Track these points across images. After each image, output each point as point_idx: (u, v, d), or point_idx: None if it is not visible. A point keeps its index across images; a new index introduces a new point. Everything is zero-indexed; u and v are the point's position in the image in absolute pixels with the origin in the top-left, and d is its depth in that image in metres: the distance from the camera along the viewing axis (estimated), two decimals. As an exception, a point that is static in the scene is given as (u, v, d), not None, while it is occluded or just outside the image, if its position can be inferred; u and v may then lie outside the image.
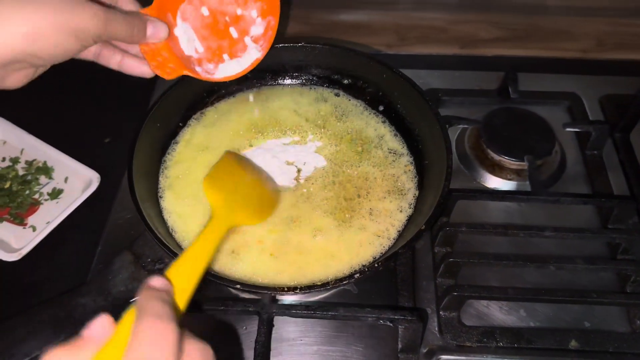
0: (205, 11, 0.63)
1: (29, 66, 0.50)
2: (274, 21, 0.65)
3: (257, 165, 0.73)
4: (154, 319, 0.35)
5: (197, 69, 0.65)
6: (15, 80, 0.51)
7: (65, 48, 0.49)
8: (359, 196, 0.70)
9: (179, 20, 0.62)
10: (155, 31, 0.56)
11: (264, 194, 0.68)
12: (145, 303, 0.36)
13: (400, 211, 0.69)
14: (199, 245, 0.50)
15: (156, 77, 0.96)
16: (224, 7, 0.63)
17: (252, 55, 0.66)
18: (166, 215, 0.69)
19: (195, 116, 0.78)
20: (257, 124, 0.78)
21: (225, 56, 0.66)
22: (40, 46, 0.47)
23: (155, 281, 0.40)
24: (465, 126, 0.86)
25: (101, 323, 0.36)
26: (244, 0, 0.63)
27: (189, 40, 0.63)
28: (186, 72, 0.61)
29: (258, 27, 0.66)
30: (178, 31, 0.62)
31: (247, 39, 0.66)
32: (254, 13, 0.64)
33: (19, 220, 0.77)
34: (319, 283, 0.56)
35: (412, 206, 0.70)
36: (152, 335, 0.34)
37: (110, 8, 0.52)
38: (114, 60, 0.59)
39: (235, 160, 0.71)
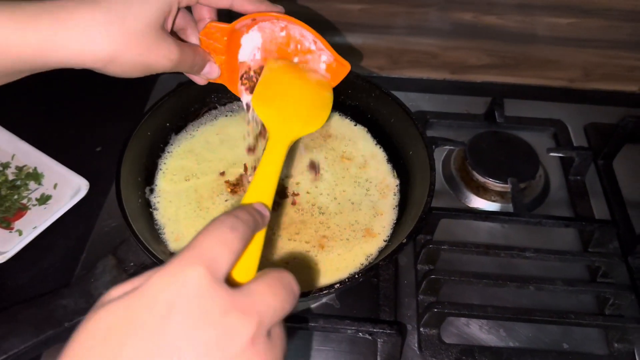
0: (281, 32, 0.64)
1: None
2: (333, 81, 0.67)
3: (300, 65, 0.67)
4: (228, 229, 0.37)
5: (240, 87, 0.67)
6: None
7: (132, 74, 0.52)
8: (341, 212, 0.71)
9: (251, 31, 0.63)
10: (210, 71, 0.61)
11: (315, 95, 0.65)
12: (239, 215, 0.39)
13: (384, 227, 0.70)
14: (264, 168, 0.49)
15: (152, 87, 0.98)
16: (301, 38, 0.64)
17: None
18: (155, 222, 0.69)
19: (186, 127, 0.79)
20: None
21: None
22: (110, 69, 0.50)
23: (258, 205, 0.43)
24: (452, 148, 0.87)
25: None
26: (323, 45, 0.63)
27: (252, 49, 0.65)
28: (228, 86, 0.65)
29: (318, 72, 0.67)
30: (245, 39, 0.64)
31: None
32: (323, 57, 0.65)
33: (6, 224, 0.78)
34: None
35: (395, 223, 0.70)
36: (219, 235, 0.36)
37: (183, 44, 0.55)
38: None
39: (279, 67, 0.66)
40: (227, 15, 0.61)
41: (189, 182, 0.73)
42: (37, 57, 0.47)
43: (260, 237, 0.42)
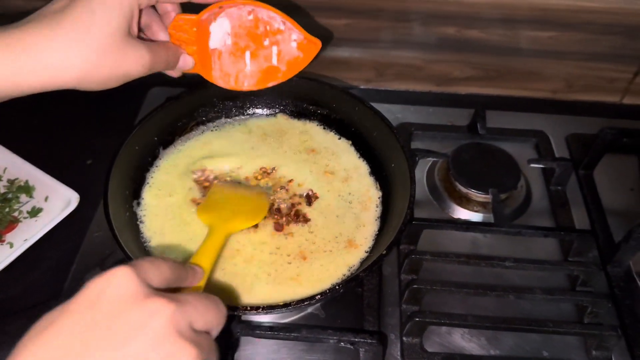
0: (248, 15, 0.65)
1: None
2: (306, 59, 0.68)
3: (243, 184, 0.78)
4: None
5: (214, 73, 0.68)
6: None
7: (108, 85, 0.53)
8: (327, 227, 0.73)
9: (219, 18, 0.64)
10: (183, 63, 0.62)
11: (251, 203, 0.74)
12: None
13: (366, 238, 0.71)
14: (203, 249, 0.60)
15: (142, 100, 0.99)
16: (270, 20, 0.65)
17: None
18: (141, 235, 0.71)
19: (174, 141, 0.81)
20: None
21: (247, 56, 0.68)
22: (84, 85, 0.52)
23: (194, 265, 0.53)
24: (435, 159, 0.89)
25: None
26: (292, 25, 0.66)
27: (222, 36, 0.66)
28: (203, 74, 0.67)
29: (290, 51, 0.68)
30: (214, 27, 0.64)
31: (274, 49, 0.68)
32: (294, 36, 0.67)
33: (-3, 236, 0.79)
34: (281, 303, 0.58)
35: (377, 234, 0.72)
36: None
37: (152, 44, 0.56)
38: None
39: (221, 186, 0.77)
40: (189, 7, 0.62)
41: (172, 197, 0.75)
42: (9, 87, 0.48)
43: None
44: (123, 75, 0.53)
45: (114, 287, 0.38)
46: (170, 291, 0.43)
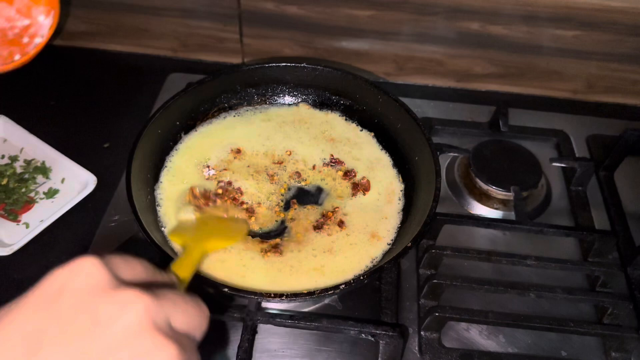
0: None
1: None
2: (56, 12, 0.73)
3: (219, 209, 0.74)
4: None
5: None
6: None
7: None
8: (345, 214, 0.73)
9: None
10: None
11: (227, 226, 0.71)
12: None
13: (388, 231, 0.71)
14: (179, 264, 0.52)
15: (161, 86, 0.99)
16: (13, 22, 0.66)
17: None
18: (159, 219, 0.70)
19: (196, 126, 0.80)
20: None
21: (17, 57, 0.71)
22: None
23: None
24: (456, 155, 0.88)
25: None
26: (27, 10, 0.66)
27: None
28: None
29: (46, 25, 0.72)
30: None
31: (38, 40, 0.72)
32: (40, 18, 0.68)
33: (13, 216, 0.78)
34: (305, 292, 0.57)
35: (399, 227, 0.71)
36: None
37: None
38: None
39: (200, 216, 0.72)
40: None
41: (184, 184, 0.75)
42: None
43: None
44: None
45: (78, 278, 0.34)
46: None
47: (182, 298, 0.37)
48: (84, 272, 0.34)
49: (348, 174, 0.77)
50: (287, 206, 0.75)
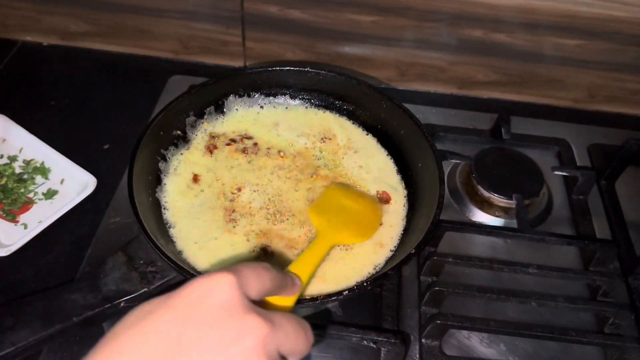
0: None
1: None
2: None
3: (361, 192, 0.76)
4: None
5: None
6: None
7: None
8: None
9: None
10: None
11: (364, 217, 0.72)
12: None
13: (392, 238, 0.71)
14: (305, 258, 0.59)
15: (162, 88, 0.99)
16: None
17: None
18: (165, 221, 0.70)
19: (198, 127, 0.80)
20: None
21: None
22: None
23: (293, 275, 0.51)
24: (458, 162, 0.88)
25: None
26: None
27: None
28: None
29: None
30: None
31: None
32: None
33: (11, 217, 0.78)
34: (308, 297, 0.57)
35: (402, 234, 0.71)
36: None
37: None
38: None
39: (339, 189, 0.75)
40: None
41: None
42: None
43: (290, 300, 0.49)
44: None
45: (216, 294, 0.38)
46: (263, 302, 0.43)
47: (295, 328, 0.41)
48: (222, 290, 0.38)
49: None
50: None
